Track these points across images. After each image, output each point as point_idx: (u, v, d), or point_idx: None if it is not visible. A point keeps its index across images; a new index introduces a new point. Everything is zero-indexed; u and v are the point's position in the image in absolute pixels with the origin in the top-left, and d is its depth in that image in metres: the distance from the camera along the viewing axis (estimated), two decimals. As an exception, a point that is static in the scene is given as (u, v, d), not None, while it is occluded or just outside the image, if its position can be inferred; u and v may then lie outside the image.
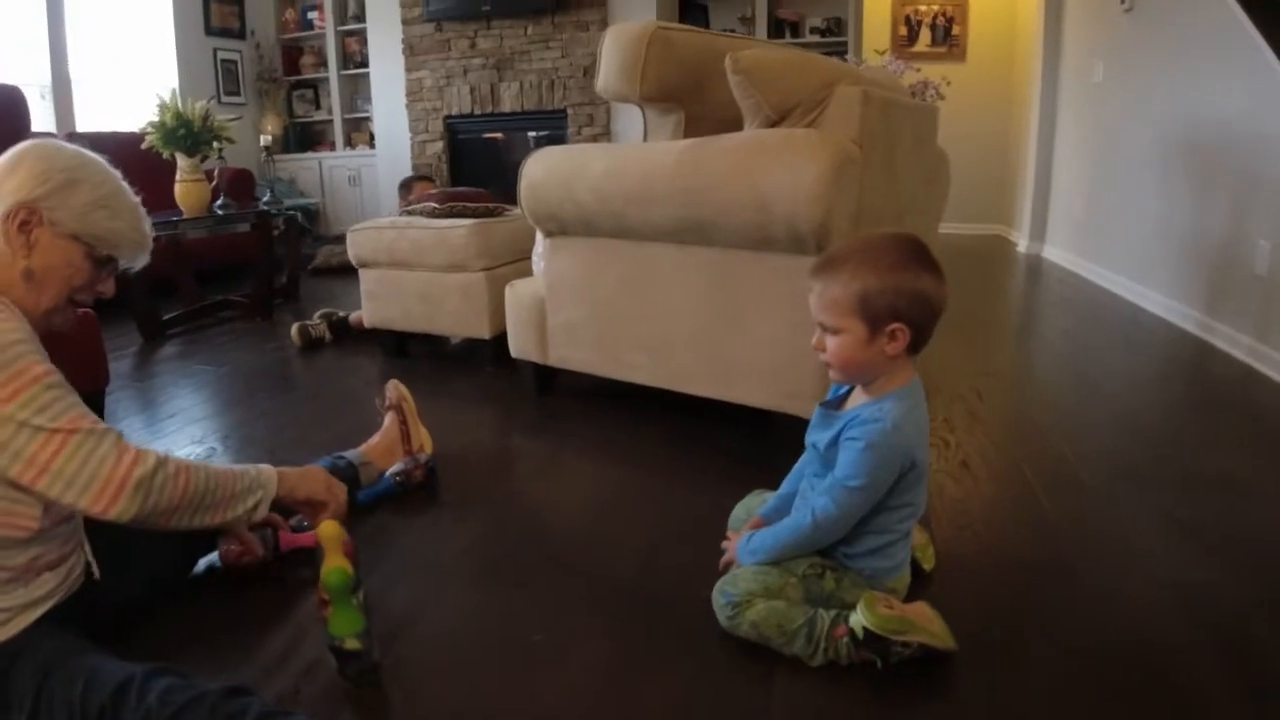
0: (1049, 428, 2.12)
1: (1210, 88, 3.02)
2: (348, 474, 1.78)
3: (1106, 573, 1.45)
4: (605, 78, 2.06)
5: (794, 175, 1.66)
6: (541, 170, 2.08)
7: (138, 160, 3.99)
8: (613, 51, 2.02)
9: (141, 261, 1.32)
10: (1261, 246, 2.59)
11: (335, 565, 1.23)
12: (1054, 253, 4.94)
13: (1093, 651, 1.23)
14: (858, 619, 1.18)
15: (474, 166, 5.71)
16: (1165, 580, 1.41)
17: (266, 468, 1.36)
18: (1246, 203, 2.75)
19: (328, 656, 1.20)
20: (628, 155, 1.95)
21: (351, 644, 1.19)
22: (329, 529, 1.30)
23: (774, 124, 1.83)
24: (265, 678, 1.23)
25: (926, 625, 1.19)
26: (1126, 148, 3.85)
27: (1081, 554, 1.51)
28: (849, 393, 1.32)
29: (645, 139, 2.21)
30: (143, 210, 1.29)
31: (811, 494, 1.31)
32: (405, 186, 3.72)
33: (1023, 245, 5.32)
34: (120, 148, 4.12)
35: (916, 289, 1.16)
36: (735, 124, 1.91)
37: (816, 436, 1.30)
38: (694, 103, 2.08)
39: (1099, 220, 4.21)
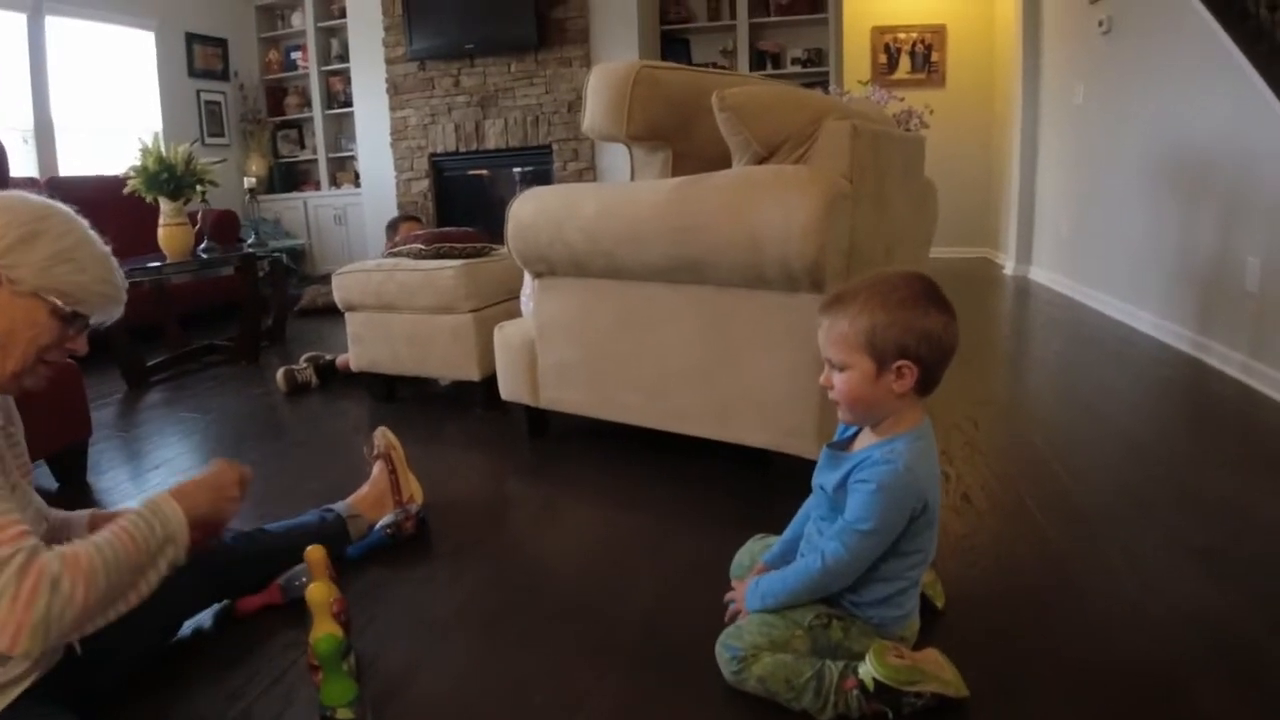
0: (1048, 455, 2.10)
1: (1193, 105, 3.03)
2: (336, 528, 1.74)
3: (1114, 601, 1.42)
4: (592, 118, 2.05)
5: (785, 212, 1.64)
6: (530, 211, 2.06)
7: (120, 205, 4.01)
8: (598, 91, 2.01)
9: (114, 315, 1.26)
10: (1251, 263, 2.59)
11: (325, 631, 1.20)
12: (1041, 274, 4.95)
13: (1106, 683, 1.21)
14: (867, 670, 1.14)
15: (460, 204, 5.70)
16: (1174, 606, 1.39)
17: (163, 504, 1.19)
18: (1234, 219, 2.75)
19: (321, 727, 1.15)
20: (618, 195, 1.93)
21: (344, 714, 1.15)
22: (317, 592, 1.27)
23: (762, 160, 1.82)
24: None
25: (938, 673, 1.16)
26: (1110, 168, 3.87)
27: (1089, 583, 1.49)
28: (856, 434, 1.29)
29: (632, 177, 2.20)
30: (113, 261, 1.23)
31: (819, 538, 1.28)
32: (392, 227, 3.70)
33: (1009, 268, 5.33)
34: (102, 192, 4.15)
35: (925, 327, 1.14)
36: (723, 160, 1.90)
37: (824, 478, 1.27)
38: (681, 140, 2.07)
39: (1086, 241, 4.22)
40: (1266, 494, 1.80)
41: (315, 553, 1.38)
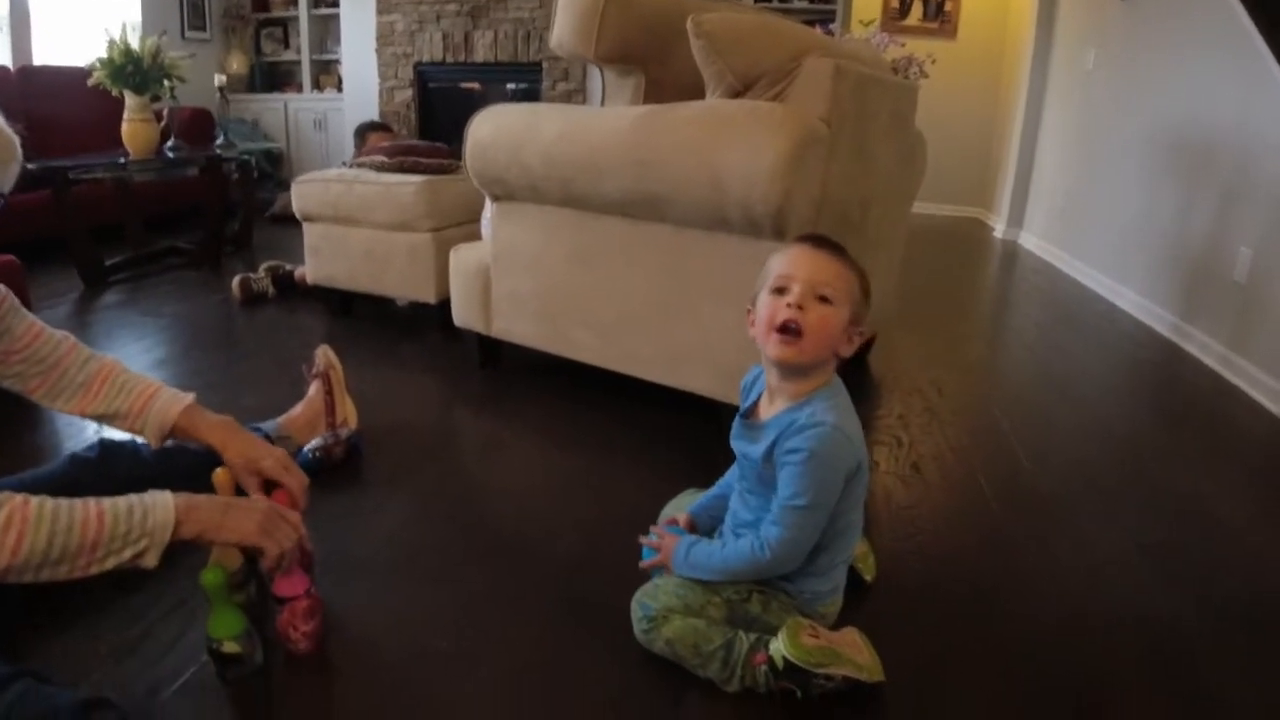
0: (1010, 432, 2.03)
1: (1204, 85, 2.91)
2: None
3: (1060, 597, 1.37)
4: (559, 33, 1.92)
5: (752, 152, 1.53)
6: (489, 130, 1.94)
7: (89, 98, 3.86)
8: (567, 4, 1.87)
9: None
10: (1243, 254, 2.51)
11: (213, 563, 1.14)
12: (1030, 240, 4.86)
13: (1034, 684, 1.15)
14: (778, 648, 1.09)
15: (444, 118, 5.50)
16: (1117, 604, 1.34)
17: (163, 503, 1.05)
18: (1231, 207, 2.66)
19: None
20: (579, 121, 1.81)
21: (230, 647, 1.10)
22: None
23: (738, 94, 1.71)
24: (148, 674, 1.13)
25: (854, 656, 1.10)
26: (1113, 139, 3.75)
27: (1033, 575, 1.43)
28: (757, 401, 1.23)
29: (603, 102, 2.07)
30: None
31: (745, 511, 1.22)
32: (360, 135, 3.55)
33: (1000, 230, 5.23)
34: (73, 84, 4.00)
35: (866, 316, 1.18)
36: (700, 91, 1.79)
37: (746, 448, 1.20)
38: (656, 66, 1.95)
39: (1079, 211, 4.12)
40: (1228, 493, 1.74)
41: (221, 475, 1.31)
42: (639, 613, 1.17)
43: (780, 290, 1.13)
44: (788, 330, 1.11)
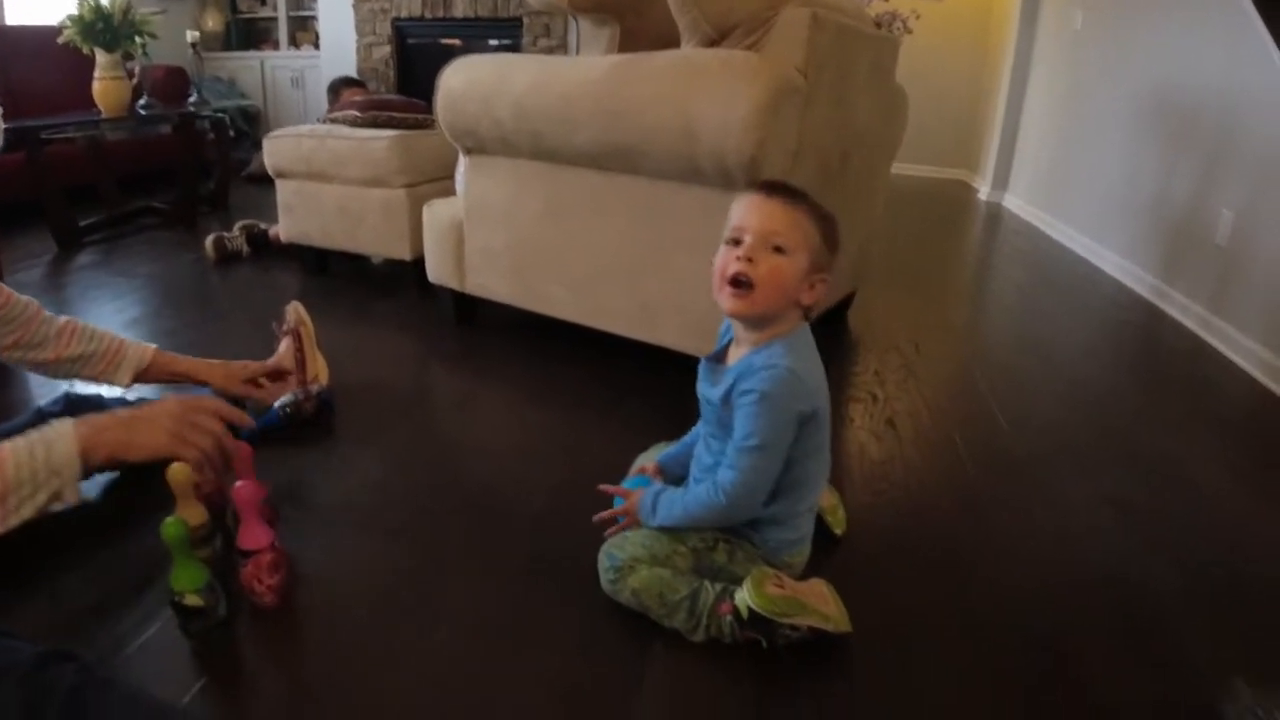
0: (987, 391, 2.02)
1: (1190, 47, 2.88)
2: (232, 405, 1.65)
3: (1029, 555, 1.36)
4: (534, -19, 1.87)
5: (726, 102, 1.50)
6: (460, 81, 1.90)
7: (61, 57, 3.78)
8: (540, -50, 1.83)
9: None
10: (1225, 216, 2.50)
11: (178, 514, 1.13)
12: (1014, 203, 4.84)
13: (1003, 641, 1.15)
14: (743, 597, 1.09)
15: (423, 75, 5.38)
16: (1090, 567, 1.33)
17: (65, 435, 1.01)
18: (1214, 170, 2.64)
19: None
20: (550, 71, 1.77)
21: (193, 599, 1.08)
22: (178, 473, 1.18)
23: (714, 44, 1.67)
24: (112, 628, 1.13)
25: (820, 606, 1.10)
26: (1099, 101, 3.72)
27: (1005, 533, 1.42)
28: (728, 345, 1.21)
29: (579, 53, 2.03)
30: None
31: (707, 455, 1.22)
32: (334, 90, 3.48)
33: (984, 193, 5.20)
34: (45, 44, 3.90)
35: (834, 263, 1.14)
36: (675, 43, 1.74)
37: (707, 391, 1.19)
38: (632, 16, 1.91)
39: (1063, 173, 4.10)
40: (1204, 455, 1.74)
41: (177, 472, 1.29)
42: (605, 563, 1.17)
43: (735, 241, 1.11)
44: (739, 284, 1.09)
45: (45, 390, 1.85)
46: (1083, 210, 3.75)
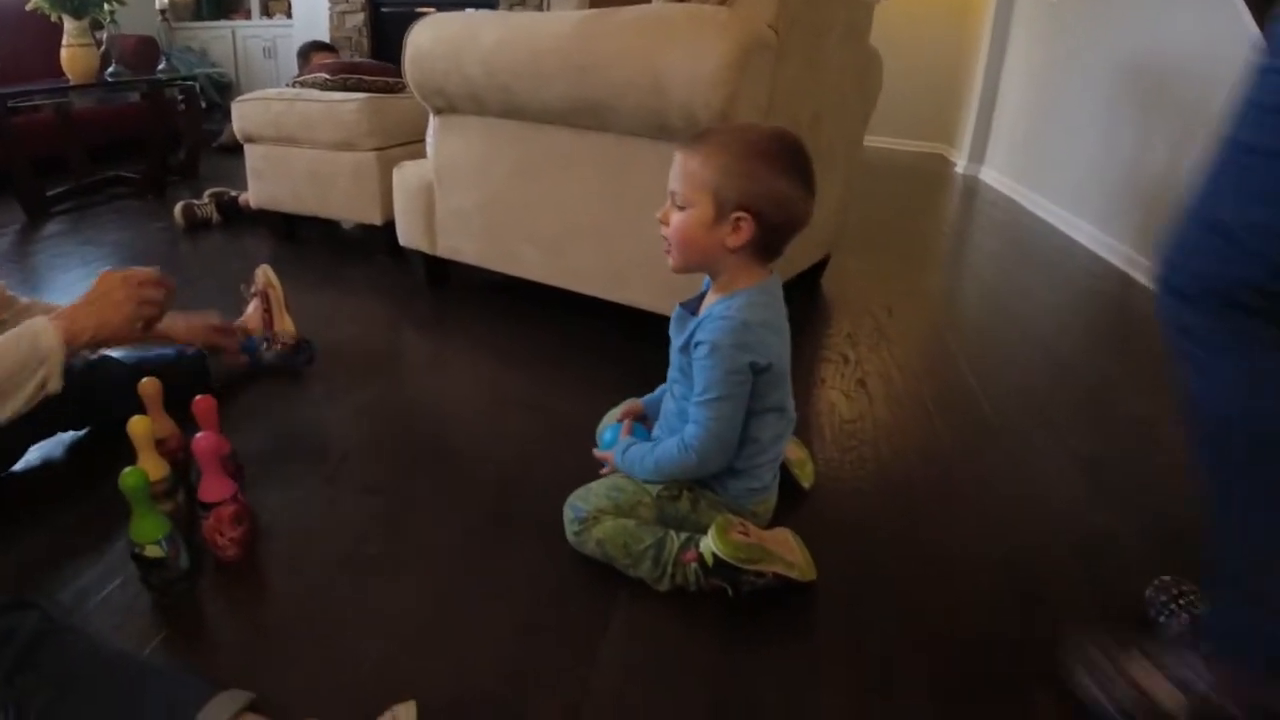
0: (958, 353, 2.03)
1: (1167, 18, 2.88)
2: (195, 364, 1.64)
3: (996, 510, 1.37)
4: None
5: (695, 57, 1.49)
6: (429, 38, 1.87)
7: (28, 25, 3.69)
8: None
9: None
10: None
11: (137, 465, 1.11)
12: (991, 175, 4.85)
13: (971, 590, 1.16)
14: (708, 545, 1.09)
15: (398, 42, 5.29)
16: (1057, 523, 1.34)
17: (44, 328, 1.08)
18: (1188, 139, 2.65)
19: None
20: (519, 26, 1.74)
21: (153, 551, 1.07)
22: (138, 425, 1.17)
23: (684, -1, 1.65)
24: (74, 582, 1.12)
25: (785, 554, 1.10)
26: (1077, 73, 3.73)
27: (972, 489, 1.43)
28: (706, 294, 1.20)
29: (549, 9, 2.01)
30: None
31: (671, 400, 1.22)
32: (303, 55, 3.43)
33: (961, 165, 5.21)
34: (12, 11, 3.81)
35: (775, 186, 1.05)
36: (646, -1, 1.73)
37: (674, 336, 1.20)
38: (603, -27, 1.88)
39: (1040, 146, 4.10)
40: (1172, 418, 1.74)
41: (149, 386, 1.31)
42: (570, 515, 1.17)
43: None
44: (666, 249, 1.13)
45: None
46: (1059, 182, 3.76)
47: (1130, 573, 1.21)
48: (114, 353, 1.57)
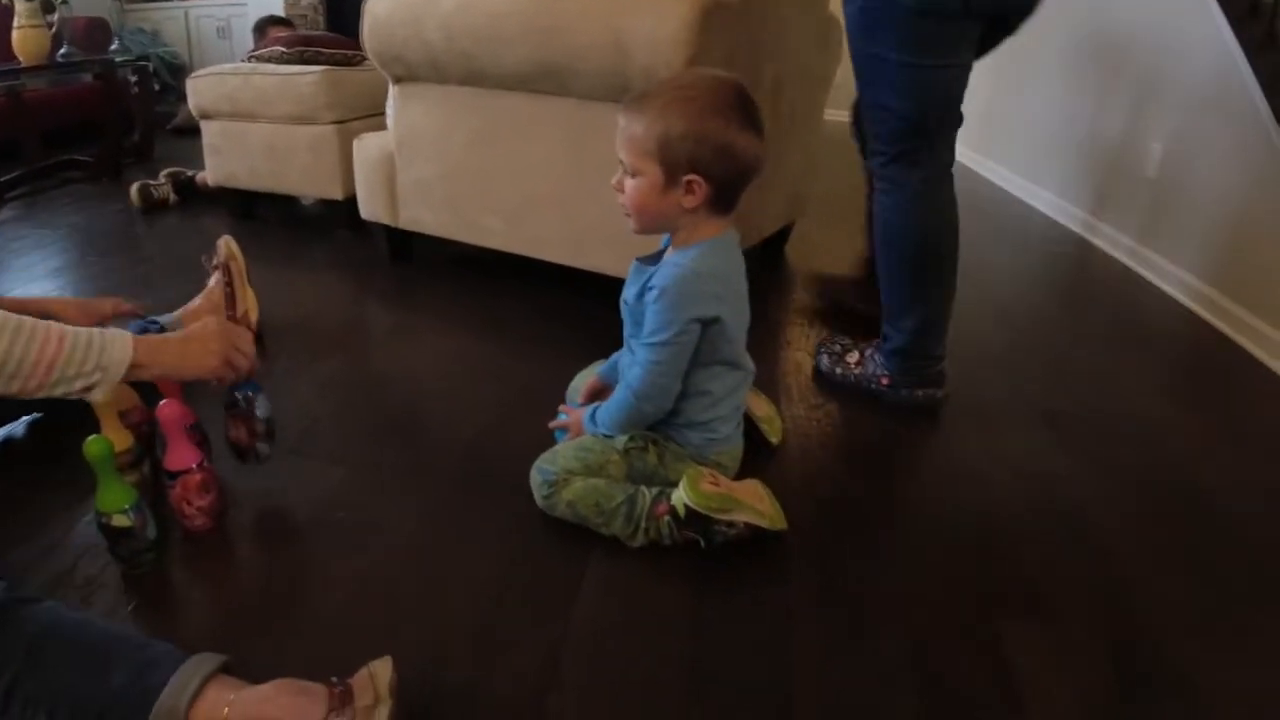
0: (919, 313, 2.05)
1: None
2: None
3: (958, 457, 1.40)
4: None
5: (656, 17, 1.48)
6: (387, 5, 1.84)
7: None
8: None
9: None
10: (1154, 149, 2.55)
11: (102, 433, 1.09)
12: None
13: (936, 535, 1.19)
14: (679, 496, 1.10)
15: (353, 18, 5.19)
16: (1017, 467, 1.37)
17: (122, 343, 1.01)
18: (1144, 104, 2.69)
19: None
20: (481, -12, 1.73)
21: (120, 520, 1.06)
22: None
23: (643, -38, 1.64)
24: (42, 556, 1.11)
25: (755, 504, 1.11)
26: (1033, 44, 3.71)
27: (935, 438, 1.46)
28: (664, 251, 1.21)
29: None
30: None
31: (627, 355, 1.23)
32: (259, 30, 3.37)
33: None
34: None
35: (723, 140, 1.04)
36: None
37: (627, 290, 1.20)
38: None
39: (998, 116, 4.14)
40: (1129, 368, 1.79)
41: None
42: (538, 478, 1.16)
43: None
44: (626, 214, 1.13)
45: None
46: (1017, 151, 3.81)
47: (1088, 512, 1.24)
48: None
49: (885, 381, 1.54)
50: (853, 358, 1.61)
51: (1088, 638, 1.00)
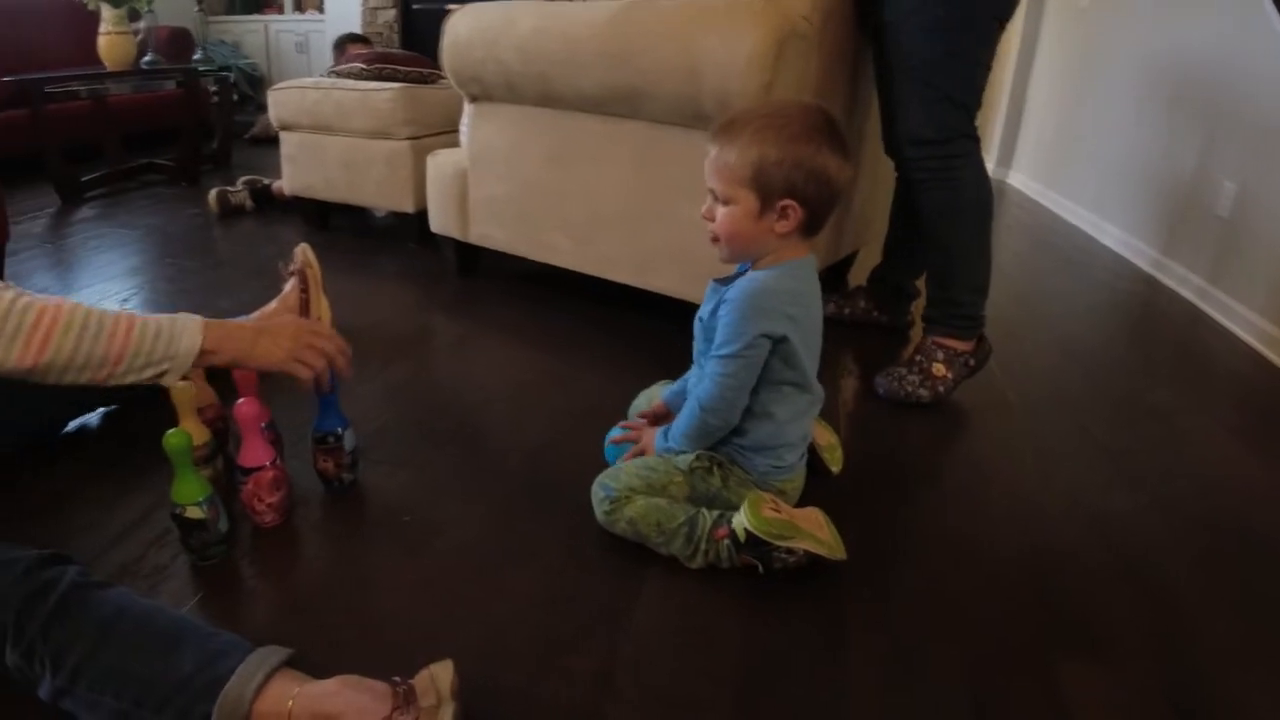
0: (983, 346, 2.03)
1: (1194, 19, 2.87)
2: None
3: (1020, 492, 1.38)
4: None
5: (730, 43, 1.51)
6: (466, 26, 1.90)
7: (65, 14, 3.76)
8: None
9: None
10: (1226, 188, 2.49)
11: (180, 427, 1.14)
12: (1019, 179, 4.84)
13: (994, 569, 1.17)
14: (740, 520, 1.10)
15: (429, 38, 5.34)
16: (1080, 504, 1.35)
17: (190, 322, 1.03)
18: (1217, 141, 2.64)
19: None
20: (556, 14, 1.77)
21: (194, 513, 1.09)
22: (181, 391, 1.20)
23: (720, -10, 1.67)
24: (113, 544, 1.15)
25: (815, 531, 1.11)
26: (1104, 78, 3.71)
27: (997, 472, 1.44)
28: (742, 273, 1.22)
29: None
30: None
31: (696, 374, 1.25)
32: (339, 47, 3.48)
33: (989, 170, 5.19)
34: (49, 4, 3.88)
35: (816, 165, 1.06)
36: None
37: (702, 311, 1.22)
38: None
39: (1067, 150, 4.09)
40: (1196, 409, 1.74)
41: (181, 390, 1.31)
42: (600, 494, 1.17)
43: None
44: (715, 239, 1.14)
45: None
46: (1085, 185, 3.75)
47: (1150, 552, 1.22)
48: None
49: (971, 363, 1.70)
50: (938, 369, 1.67)
51: (1145, 678, 0.98)
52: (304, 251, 1.84)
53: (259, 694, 0.79)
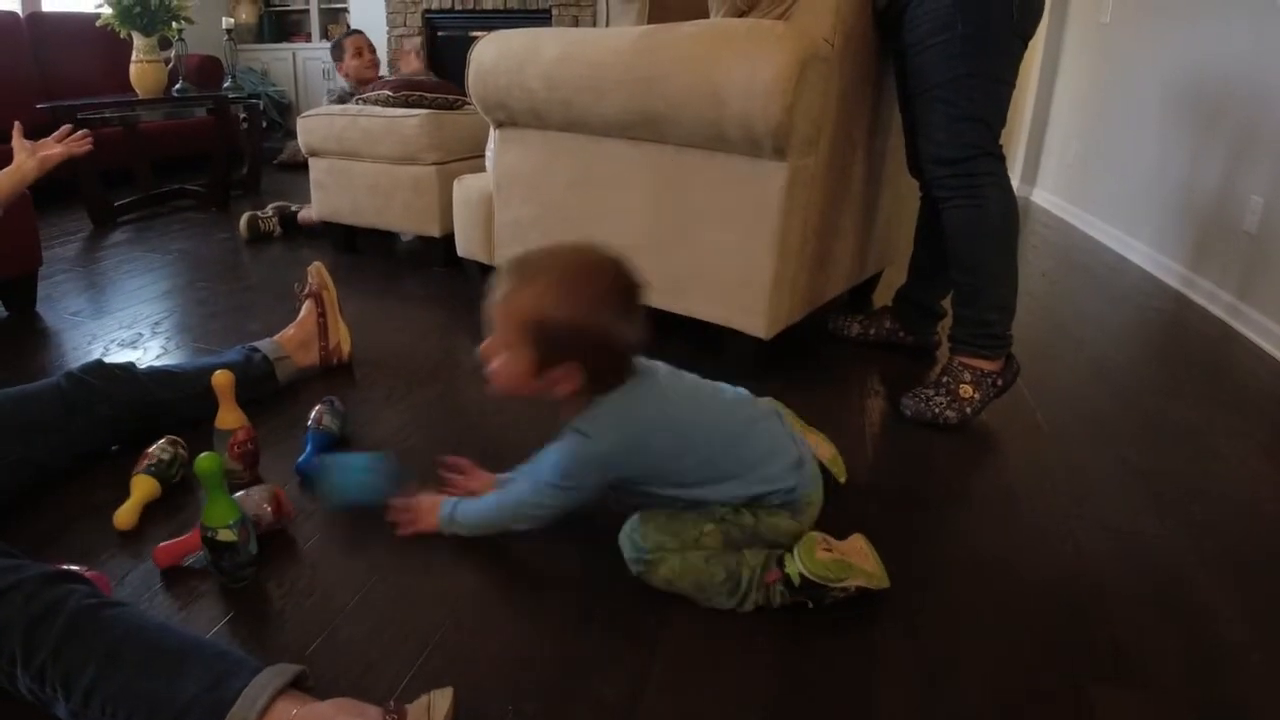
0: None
1: (1218, 34, 2.86)
2: (262, 369, 1.68)
3: (1049, 512, 1.37)
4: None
5: (753, 68, 1.52)
6: (492, 54, 1.93)
7: (98, 43, 3.85)
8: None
9: None
10: (1254, 203, 2.47)
11: (211, 451, 1.16)
12: (1043, 197, 4.81)
13: (1024, 592, 1.17)
14: (795, 565, 1.07)
15: (454, 66, 5.43)
16: (1110, 526, 1.34)
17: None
18: (1243, 156, 2.62)
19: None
20: (581, 41, 1.79)
21: (225, 535, 1.11)
22: (221, 378, 1.31)
23: (742, 15, 1.69)
24: (134, 563, 1.17)
25: (863, 564, 1.10)
26: (1127, 93, 3.70)
27: (1026, 494, 1.43)
28: None
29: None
30: None
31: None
32: (337, 46, 3.54)
33: (1013, 187, 5.17)
34: (82, 30, 3.99)
35: (610, 333, 1.03)
36: (702, 16, 1.76)
37: None
38: (660, -8, 1.93)
39: (1092, 167, 4.07)
40: (1225, 429, 1.73)
41: (222, 377, 1.35)
42: (630, 552, 1.11)
43: None
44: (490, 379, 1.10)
45: (79, 354, 1.91)
46: (1111, 202, 3.73)
47: (1184, 574, 1.21)
48: (180, 363, 1.64)
49: (999, 383, 1.68)
50: (965, 390, 1.65)
51: (1178, 705, 0.97)
52: (318, 272, 1.85)
53: (262, 717, 0.80)
